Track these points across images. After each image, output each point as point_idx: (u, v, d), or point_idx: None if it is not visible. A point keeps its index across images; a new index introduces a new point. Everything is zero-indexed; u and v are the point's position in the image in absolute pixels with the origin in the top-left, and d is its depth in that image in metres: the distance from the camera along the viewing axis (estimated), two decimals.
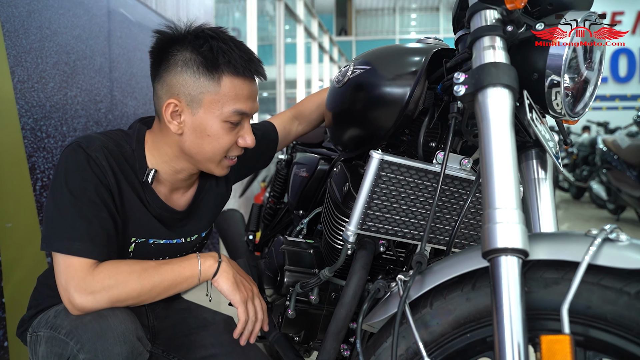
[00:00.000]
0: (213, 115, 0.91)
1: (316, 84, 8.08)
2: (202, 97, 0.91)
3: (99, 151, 0.89)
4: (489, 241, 0.60)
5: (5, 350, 1.44)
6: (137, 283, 0.85)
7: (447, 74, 0.86)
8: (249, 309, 0.94)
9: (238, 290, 0.93)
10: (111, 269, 0.85)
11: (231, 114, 0.92)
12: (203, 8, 3.03)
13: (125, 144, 0.95)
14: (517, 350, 0.56)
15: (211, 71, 0.90)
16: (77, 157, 0.88)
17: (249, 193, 3.87)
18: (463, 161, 0.86)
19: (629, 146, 4.75)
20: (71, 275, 0.83)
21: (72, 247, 0.83)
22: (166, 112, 0.91)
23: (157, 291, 0.87)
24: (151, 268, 0.88)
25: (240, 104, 0.92)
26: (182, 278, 0.89)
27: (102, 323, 0.82)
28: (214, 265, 0.92)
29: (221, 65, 0.89)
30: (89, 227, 0.85)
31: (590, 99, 0.77)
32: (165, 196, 0.99)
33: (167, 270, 0.88)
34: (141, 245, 0.97)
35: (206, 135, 0.92)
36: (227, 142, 0.94)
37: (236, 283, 0.93)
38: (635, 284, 0.56)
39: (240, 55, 0.91)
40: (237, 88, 0.92)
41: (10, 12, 1.49)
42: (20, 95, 1.52)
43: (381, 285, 0.82)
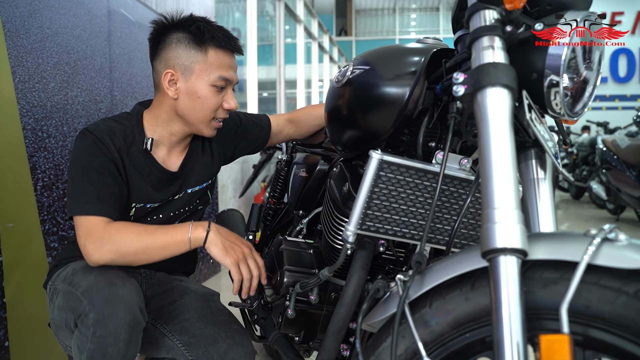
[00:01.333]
0: (202, 80, 1.11)
1: (316, 84, 8.08)
2: (193, 66, 1.11)
3: (104, 132, 1.09)
4: (488, 241, 0.60)
5: (6, 350, 1.44)
6: (136, 240, 1.01)
7: (446, 74, 0.87)
8: (241, 269, 1.03)
9: (227, 254, 1.02)
10: (118, 227, 1.02)
11: (217, 79, 1.12)
12: (203, 8, 3.03)
13: (126, 122, 1.15)
14: (516, 350, 0.56)
15: (199, 44, 1.11)
16: (86, 140, 1.08)
17: (249, 193, 3.87)
18: (462, 161, 0.87)
19: (628, 146, 4.75)
20: (87, 232, 1.01)
21: (85, 208, 1.02)
22: (164, 80, 1.12)
23: (152, 249, 1.02)
24: (150, 229, 1.03)
25: (224, 71, 1.13)
26: (174, 241, 1.02)
27: (113, 290, 0.96)
28: (202, 233, 1.03)
29: (207, 40, 1.11)
30: (97, 191, 1.04)
31: (589, 99, 0.77)
32: (162, 159, 1.18)
33: (161, 233, 1.03)
34: (140, 209, 1.16)
35: (197, 97, 1.12)
36: (214, 103, 1.13)
37: (225, 248, 1.03)
38: (634, 284, 0.56)
39: (222, 33, 1.13)
40: (220, 58, 1.12)
41: (11, 12, 1.49)
42: (21, 95, 1.52)
43: (381, 285, 0.82)
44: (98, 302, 0.95)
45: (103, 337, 0.94)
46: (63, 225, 1.69)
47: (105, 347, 0.95)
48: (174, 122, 1.16)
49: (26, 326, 1.52)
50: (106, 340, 0.94)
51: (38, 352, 1.57)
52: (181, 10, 1.20)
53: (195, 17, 1.14)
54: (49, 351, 1.61)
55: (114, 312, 0.95)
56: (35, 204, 1.57)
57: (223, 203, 3.35)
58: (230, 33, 1.15)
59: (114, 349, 0.95)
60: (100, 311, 0.95)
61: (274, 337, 1.22)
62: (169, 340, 1.17)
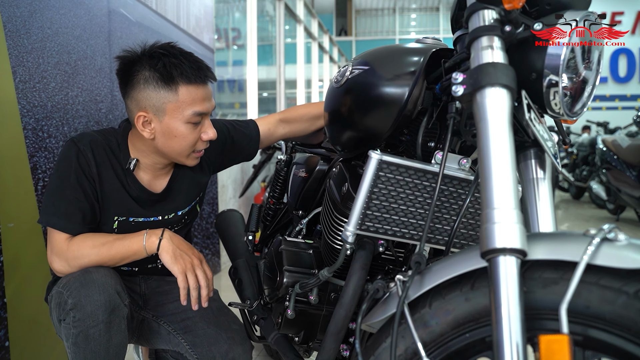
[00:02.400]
0: (176, 119, 1.09)
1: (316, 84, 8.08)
2: (165, 106, 1.08)
3: (87, 145, 1.11)
4: (487, 241, 0.60)
5: (6, 350, 1.44)
6: (96, 256, 1.06)
7: (445, 74, 0.87)
8: (188, 278, 1.06)
9: (176, 262, 1.06)
10: (79, 243, 1.07)
11: (191, 116, 1.09)
12: (203, 8, 3.03)
13: (112, 139, 1.16)
14: (515, 350, 0.56)
15: (168, 84, 1.07)
16: (69, 151, 1.10)
17: (249, 193, 3.87)
18: (462, 161, 0.87)
19: (628, 146, 4.75)
20: (52, 245, 1.08)
21: (51, 220, 1.08)
22: (138, 122, 1.10)
23: (113, 261, 1.08)
24: (109, 243, 1.08)
25: (197, 106, 1.10)
26: (132, 251, 1.08)
27: (87, 276, 1.02)
28: (155, 242, 1.08)
29: (175, 78, 1.07)
30: (67, 206, 1.08)
31: (588, 98, 0.77)
32: (147, 181, 1.19)
33: (119, 245, 1.08)
34: (123, 222, 1.17)
35: (173, 136, 1.10)
36: (192, 139, 1.12)
37: (175, 256, 1.07)
38: (633, 284, 0.56)
39: (190, 65, 1.09)
40: (192, 94, 1.09)
41: (12, 12, 1.49)
42: (21, 95, 1.52)
43: (380, 285, 0.82)
44: (74, 289, 1.01)
45: (82, 319, 0.99)
46: None
47: (86, 330, 0.99)
48: (155, 155, 1.16)
49: (26, 326, 1.52)
50: (85, 322, 0.99)
51: (38, 352, 1.57)
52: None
53: (159, 50, 1.10)
54: (49, 351, 1.61)
55: (88, 294, 0.99)
56: (36, 204, 1.57)
57: (223, 203, 3.35)
58: (199, 62, 1.12)
59: (94, 330, 0.99)
60: (76, 295, 1.00)
61: (274, 338, 1.22)
62: (174, 337, 1.24)
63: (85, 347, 1.00)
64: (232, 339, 1.22)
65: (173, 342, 1.24)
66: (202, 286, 1.07)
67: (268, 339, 1.24)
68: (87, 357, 1.01)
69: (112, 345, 1.03)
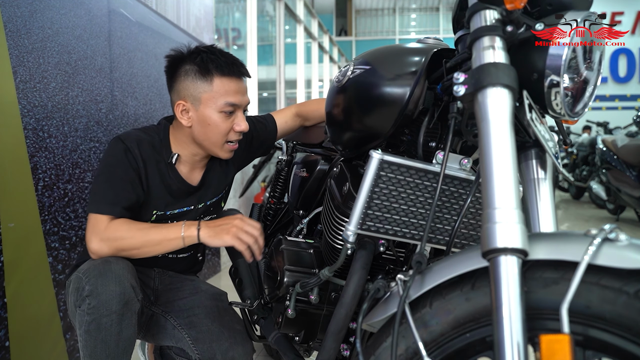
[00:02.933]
0: (210, 108, 1.18)
1: (316, 84, 8.08)
2: (201, 95, 1.18)
3: (133, 142, 1.18)
4: (488, 241, 0.60)
5: (6, 350, 1.44)
6: (132, 238, 1.10)
7: (447, 74, 0.87)
8: (242, 239, 1.09)
9: (222, 237, 1.09)
10: (118, 225, 1.11)
11: (224, 105, 1.18)
12: (203, 8, 3.03)
13: (155, 135, 1.24)
14: (516, 349, 0.56)
15: (204, 75, 1.17)
16: (117, 147, 1.17)
17: (249, 193, 3.86)
18: (463, 161, 0.87)
19: (628, 146, 4.75)
20: (92, 226, 1.11)
21: (100, 207, 1.12)
22: (177, 111, 1.21)
23: (149, 246, 1.11)
24: (146, 228, 1.12)
25: (230, 97, 1.18)
26: (168, 238, 1.11)
27: (106, 266, 1.06)
28: (194, 231, 1.11)
29: (211, 70, 1.17)
30: (115, 195, 1.13)
31: (589, 99, 0.77)
32: (185, 174, 1.27)
33: (157, 231, 1.11)
34: (160, 216, 1.24)
35: (207, 124, 1.19)
36: (224, 128, 1.19)
37: (217, 234, 1.10)
38: (634, 284, 0.56)
39: (225, 61, 1.18)
40: (225, 85, 1.18)
41: (12, 12, 1.49)
42: (22, 95, 1.52)
43: (381, 285, 0.82)
44: (93, 276, 1.04)
45: (96, 307, 1.02)
46: (64, 225, 1.69)
47: (99, 318, 1.02)
48: (193, 145, 1.24)
49: (26, 326, 1.52)
50: (99, 310, 1.02)
51: (38, 352, 1.57)
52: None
53: (200, 48, 1.21)
54: (49, 351, 1.61)
55: (105, 283, 1.03)
56: (36, 204, 1.57)
57: None
58: (235, 59, 1.21)
59: (107, 320, 1.02)
60: (94, 283, 1.03)
61: (274, 337, 1.22)
62: (178, 332, 1.27)
63: (97, 336, 1.03)
64: (234, 338, 1.25)
65: (177, 337, 1.27)
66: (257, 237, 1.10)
67: (268, 338, 1.24)
68: (97, 346, 1.04)
69: (121, 339, 1.05)
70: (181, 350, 1.31)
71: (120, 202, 1.13)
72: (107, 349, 1.04)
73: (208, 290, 1.37)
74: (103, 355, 1.04)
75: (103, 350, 1.04)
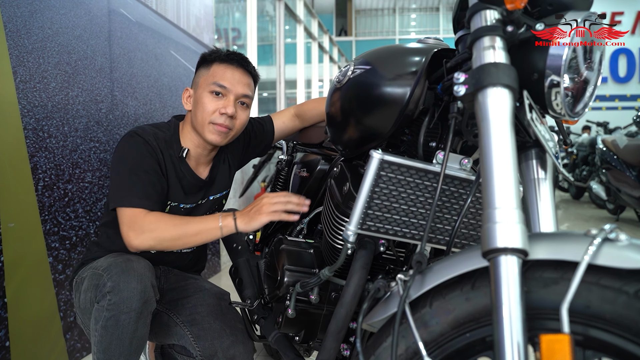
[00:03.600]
0: (203, 90, 1.25)
1: (316, 84, 8.08)
2: (199, 79, 1.27)
3: (150, 135, 1.22)
4: (488, 241, 0.60)
5: (6, 350, 1.44)
6: (172, 229, 1.11)
7: (447, 74, 0.87)
8: (277, 210, 1.08)
9: (258, 218, 1.09)
10: (157, 217, 1.13)
11: (212, 85, 1.23)
12: (203, 8, 3.03)
13: (166, 131, 1.28)
14: (516, 349, 0.57)
15: (206, 62, 1.28)
16: (134, 140, 1.19)
17: (249, 193, 3.87)
18: (463, 161, 0.87)
19: (628, 146, 4.75)
20: (131, 221, 1.11)
21: (132, 201, 1.13)
22: (183, 98, 1.31)
23: (186, 237, 1.11)
24: (185, 220, 1.13)
25: (219, 78, 1.24)
26: (206, 229, 1.11)
27: (128, 264, 1.08)
28: (231, 221, 1.11)
29: (213, 59, 1.27)
30: (144, 187, 1.15)
31: (590, 99, 0.77)
32: (194, 168, 1.30)
33: (195, 222, 1.13)
34: (174, 208, 1.28)
35: (199, 105, 1.24)
36: (210, 108, 1.23)
37: (252, 217, 1.10)
38: (634, 284, 0.56)
39: (227, 52, 1.28)
40: (221, 70, 1.25)
41: (12, 12, 1.49)
42: (22, 95, 1.52)
43: (381, 284, 0.82)
44: (115, 273, 1.06)
45: (117, 304, 1.04)
46: (64, 225, 1.69)
47: (118, 315, 1.04)
48: (193, 133, 1.27)
49: (27, 326, 1.52)
50: (120, 307, 1.04)
51: (38, 352, 1.57)
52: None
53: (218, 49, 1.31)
54: (49, 351, 1.61)
55: (127, 280, 1.05)
56: (36, 204, 1.57)
57: None
58: (239, 54, 1.28)
59: (125, 317, 1.04)
60: (116, 279, 1.05)
61: (274, 337, 1.22)
62: (180, 329, 1.28)
63: (113, 332, 1.04)
64: (235, 336, 1.27)
65: (179, 334, 1.28)
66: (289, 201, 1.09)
67: (268, 338, 1.24)
68: (112, 342, 1.05)
69: (136, 337, 1.07)
70: (182, 348, 1.32)
71: (151, 194, 1.15)
72: (121, 346, 1.05)
73: (211, 289, 1.38)
74: (117, 352, 1.06)
75: (117, 347, 1.05)
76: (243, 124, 1.29)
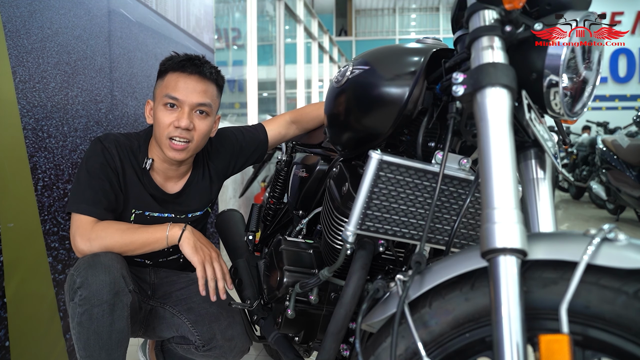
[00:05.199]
0: (158, 103, 1.21)
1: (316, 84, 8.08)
2: (156, 91, 1.23)
3: (111, 143, 1.21)
4: (487, 241, 0.60)
5: (6, 350, 1.44)
6: (119, 238, 1.12)
7: (446, 74, 0.87)
8: (207, 269, 1.12)
9: (197, 252, 1.13)
10: (105, 226, 1.14)
11: (165, 97, 1.19)
12: (203, 8, 3.03)
13: (135, 141, 1.26)
14: (515, 349, 0.57)
15: (161, 72, 1.23)
16: (95, 147, 1.20)
17: (249, 193, 3.87)
18: (462, 161, 0.87)
19: (628, 146, 4.75)
20: (77, 227, 1.13)
21: (80, 207, 1.14)
22: (146, 110, 1.27)
23: (134, 246, 1.13)
24: (132, 229, 1.14)
25: (170, 90, 1.18)
26: (153, 239, 1.14)
27: (95, 258, 1.08)
28: (178, 232, 1.14)
29: (167, 67, 1.21)
30: (94, 195, 1.15)
31: (588, 99, 0.77)
32: (160, 183, 1.28)
33: (142, 232, 1.14)
34: (139, 215, 1.26)
35: (156, 119, 1.21)
36: (164, 122, 1.19)
37: (195, 248, 1.13)
38: (633, 284, 0.56)
39: (182, 58, 1.20)
40: (174, 79, 1.19)
41: (12, 12, 1.49)
42: (21, 95, 1.52)
43: (380, 285, 0.82)
44: (83, 269, 1.06)
45: (87, 298, 1.04)
46: (63, 225, 1.69)
47: (90, 309, 1.04)
48: (158, 148, 1.24)
49: (26, 326, 1.52)
50: (90, 300, 1.04)
51: (38, 352, 1.57)
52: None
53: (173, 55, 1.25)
54: (49, 351, 1.61)
55: (95, 274, 1.05)
56: (36, 204, 1.57)
57: (223, 203, 3.35)
58: (195, 58, 1.22)
59: (98, 310, 1.04)
60: (84, 274, 1.05)
61: (274, 337, 1.22)
62: (177, 319, 1.30)
63: (89, 327, 1.04)
64: (232, 318, 1.29)
65: (176, 324, 1.30)
66: (218, 278, 1.14)
67: (268, 338, 1.24)
68: (90, 338, 1.05)
69: (114, 330, 1.06)
70: (182, 338, 1.33)
71: (101, 201, 1.16)
72: (100, 340, 1.05)
73: None
74: (97, 347, 1.05)
75: (96, 342, 1.05)
76: (204, 134, 1.23)
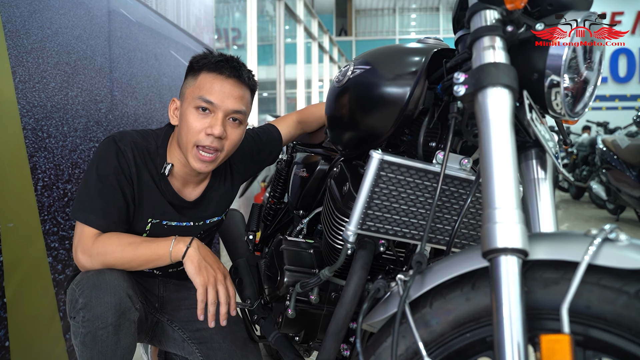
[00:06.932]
0: (189, 104, 1.09)
1: (316, 84, 8.08)
2: (186, 90, 1.12)
3: (127, 145, 1.10)
4: (488, 241, 0.60)
5: (6, 350, 1.44)
6: (120, 254, 1.04)
7: (447, 74, 0.87)
8: (208, 292, 1.02)
9: (200, 273, 1.03)
10: (106, 240, 1.05)
11: (198, 99, 1.07)
12: (203, 8, 3.03)
13: (152, 141, 1.15)
14: (516, 349, 0.56)
15: (194, 70, 1.11)
16: (109, 148, 1.09)
17: (249, 193, 3.86)
18: (463, 161, 0.87)
19: (628, 146, 4.75)
20: (80, 239, 1.06)
21: (89, 218, 1.06)
22: (170, 108, 1.16)
23: (136, 263, 1.05)
24: (135, 243, 1.05)
25: (205, 92, 1.07)
26: (156, 255, 1.05)
27: (100, 277, 1.02)
28: (182, 249, 1.05)
29: (201, 66, 1.10)
30: (105, 205, 1.06)
31: (589, 99, 0.77)
32: (178, 189, 1.18)
33: (145, 247, 1.05)
34: (156, 225, 1.16)
35: (183, 122, 1.10)
36: (195, 127, 1.07)
37: (199, 267, 1.03)
38: (634, 284, 0.56)
39: (218, 58, 1.10)
40: (208, 81, 1.08)
41: (11, 12, 1.49)
42: (21, 95, 1.52)
43: (381, 285, 0.82)
44: (86, 288, 1.00)
45: (91, 320, 0.98)
46: (63, 225, 1.69)
47: (94, 331, 0.99)
48: (180, 151, 1.14)
49: (26, 326, 1.52)
50: (94, 323, 0.98)
51: (38, 352, 1.56)
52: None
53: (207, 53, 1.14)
54: (49, 351, 1.61)
55: (99, 296, 0.99)
56: (36, 204, 1.57)
57: None
58: (231, 59, 1.11)
59: (103, 332, 0.99)
60: (87, 295, 0.99)
61: (274, 337, 1.21)
62: (189, 346, 1.24)
63: (93, 348, 1.00)
64: (246, 358, 1.23)
65: (187, 350, 1.24)
66: (221, 303, 1.04)
67: (268, 338, 1.24)
68: (94, 357, 1.01)
69: (119, 348, 1.02)
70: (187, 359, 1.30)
71: (111, 213, 1.07)
72: (105, 358, 1.01)
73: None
74: None
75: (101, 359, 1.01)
76: (235, 144, 1.13)
